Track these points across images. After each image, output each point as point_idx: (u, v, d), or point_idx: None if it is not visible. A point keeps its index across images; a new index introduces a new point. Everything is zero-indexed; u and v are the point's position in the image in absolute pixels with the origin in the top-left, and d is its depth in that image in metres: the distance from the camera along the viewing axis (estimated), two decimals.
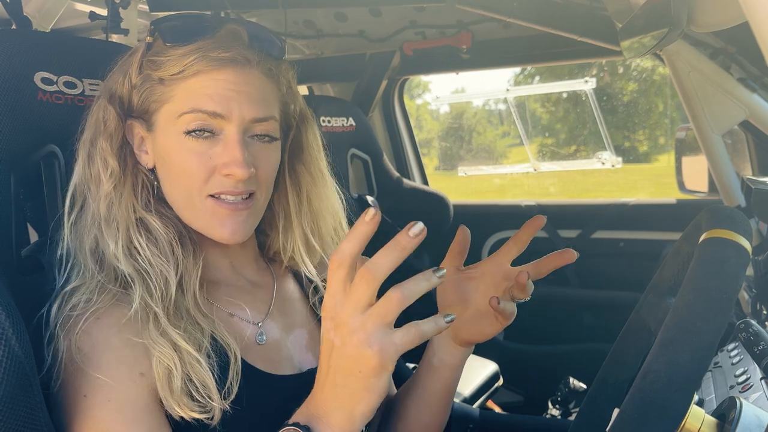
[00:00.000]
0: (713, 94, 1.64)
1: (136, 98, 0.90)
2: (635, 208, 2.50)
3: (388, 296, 0.66)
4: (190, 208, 0.90)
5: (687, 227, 0.84)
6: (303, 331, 1.03)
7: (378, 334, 0.65)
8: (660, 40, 1.00)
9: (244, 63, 0.88)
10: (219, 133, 0.87)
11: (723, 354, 1.15)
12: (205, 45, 0.87)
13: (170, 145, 0.88)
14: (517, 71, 7.20)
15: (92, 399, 0.79)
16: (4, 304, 0.75)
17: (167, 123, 0.88)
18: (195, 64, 0.86)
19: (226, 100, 0.86)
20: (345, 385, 0.69)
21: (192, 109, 0.86)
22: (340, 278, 0.68)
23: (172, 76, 0.87)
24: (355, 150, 2.38)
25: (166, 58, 0.87)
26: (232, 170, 0.86)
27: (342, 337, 0.67)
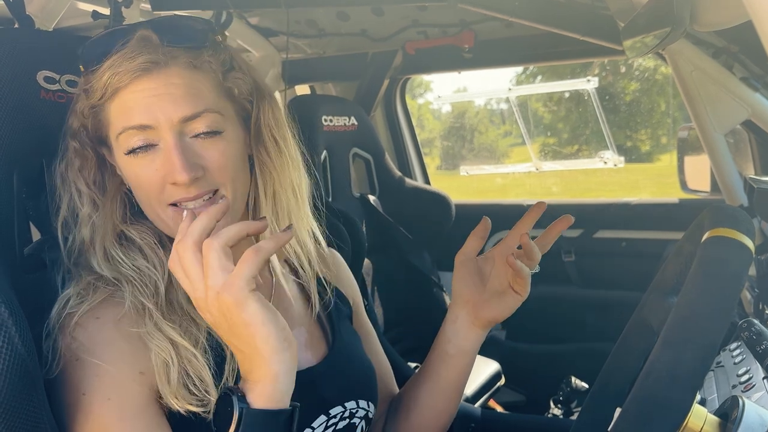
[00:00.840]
0: (716, 94, 1.63)
1: (91, 127, 0.91)
2: (637, 208, 2.50)
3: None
4: (157, 220, 0.91)
5: (689, 227, 0.84)
6: (302, 330, 1.03)
7: (217, 280, 0.73)
8: (662, 39, 1.00)
9: (158, 63, 0.85)
10: (157, 143, 0.86)
11: (725, 353, 1.15)
12: (115, 61, 0.84)
13: (122, 166, 0.90)
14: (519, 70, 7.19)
15: (91, 396, 0.79)
16: (7, 302, 0.76)
17: (115, 146, 0.89)
18: (111, 82, 0.84)
19: (148, 109, 0.84)
20: (235, 336, 0.75)
21: (123, 128, 0.86)
22: (182, 274, 0.77)
23: (100, 99, 0.87)
24: (357, 149, 2.38)
25: (90, 85, 0.87)
26: (174, 178, 0.84)
27: (207, 310, 0.76)
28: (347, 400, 0.99)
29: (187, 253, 0.75)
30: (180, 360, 0.82)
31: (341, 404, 0.98)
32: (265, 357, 0.74)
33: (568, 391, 2.13)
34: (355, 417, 1.00)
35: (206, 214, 0.77)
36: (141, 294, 0.85)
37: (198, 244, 0.75)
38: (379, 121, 2.82)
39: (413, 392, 1.10)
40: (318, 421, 0.95)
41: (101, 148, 0.93)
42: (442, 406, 1.09)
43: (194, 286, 0.76)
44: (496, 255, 1.04)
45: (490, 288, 1.04)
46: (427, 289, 2.45)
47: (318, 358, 1.01)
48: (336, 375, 1.00)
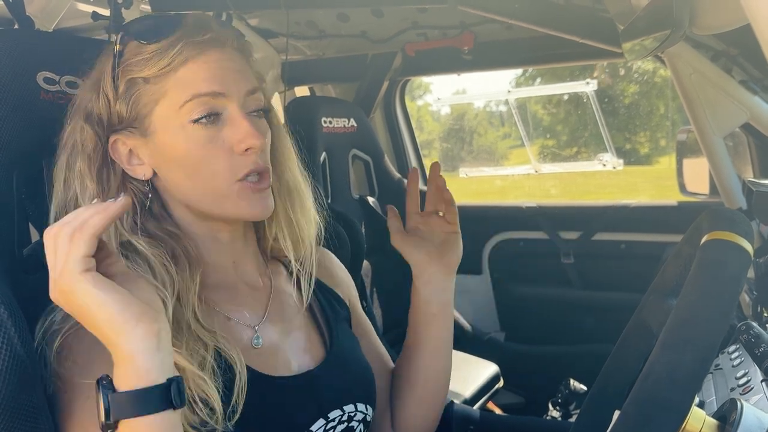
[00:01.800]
0: (715, 97, 1.64)
1: (121, 108, 0.88)
2: (636, 210, 2.50)
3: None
4: (215, 198, 0.89)
5: (688, 229, 0.84)
6: (300, 334, 1.03)
7: (57, 269, 0.70)
8: (662, 42, 1.00)
9: (223, 42, 0.89)
10: (222, 113, 0.87)
11: (724, 356, 1.15)
12: (184, 34, 0.87)
13: (177, 141, 0.87)
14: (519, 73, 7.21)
15: (71, 394, 0.79)
16: (6, 303, 0.76)
17: (167, 120, 0.87)
18: (181, 52, 0.86)
19: (221, 79, 0.87)
20: (84, 322, 0.72)
21: (192, 95, 0.85)
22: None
23: (160, 71, 0.86)
24: (356, 151, 2.38)
25: (149, 56, 0.86)
26: (248, 143, 0.86)
27: (55, 297, 0.72)
28: (346, 404, 0.99)
29: (62, 237, 0.71)
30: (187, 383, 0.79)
31: (340, 408, 0.98)
32: (113, 339, 0.71)
33: (567, 393, 2.13)
34: (353, 420, 1.00)
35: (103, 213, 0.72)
36: None
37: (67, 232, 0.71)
38: (379, 122, 2.82)
39: (411, 364, 1.14)
40: (317, 424, 0.94)
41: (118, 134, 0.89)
42: (441, 364, 1.14)
43: (50, 267, 0.72)
44: (414, 223, 1.15)
45: (437, 243, 1.13)
46: None
47: (316, 362, 1.00)
48: (334, 379, 1.00)
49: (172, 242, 0.90)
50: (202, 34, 0.87)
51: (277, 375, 0.93)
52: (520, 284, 2.69)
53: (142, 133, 0.89)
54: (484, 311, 2.75)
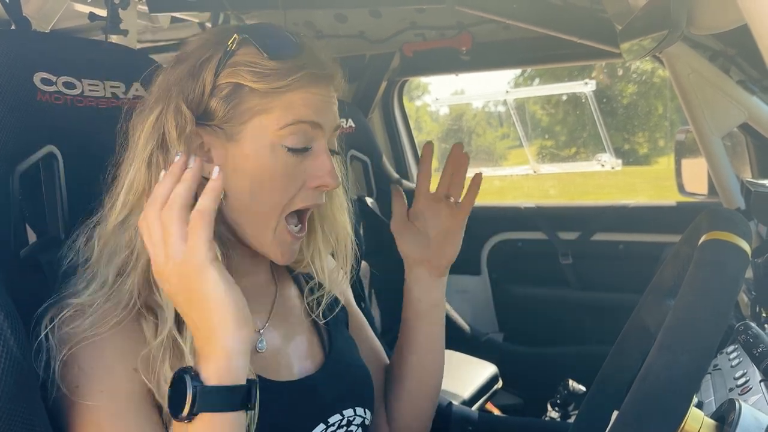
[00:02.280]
0: (713, 97, 1.64)
1: (217, 106, 0.85)
2: (635, 211, 2.50)
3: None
4: (260, 225, 0.88)
5: (687, 230, 0.84)
6: (302, 338, 1.02)
7: (176, 249, 0.74)
8: (660, 42, 1.00)
9: (332, 78, 0.91)
10: (312, 145, 0.89)
11: (722, 356, 1.15)
12: (308, 62, 0.87)
13: (261, 157, 0.85)
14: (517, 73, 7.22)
15: (83, 389, 0.78)
16: (2, 305, 0.75)
17: (261, 134, 0.85)
18: (300, 79, 0.86)
19: (323, 112, 0.89)
20: (193, 310, 0.75)
21: (295, 120, 0.86)
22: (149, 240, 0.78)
23: (273, 89, 0.85)
24: (354, 151, 2.38)
25: (267, 72, 0.85)
26: (326, 181, 0.88)
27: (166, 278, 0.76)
28: (345, 408, 0.99)
29: (154, 220, 0.76)
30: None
31: (339, 412, 0.98)
32: (220, 333, 0.74)
33: (566, 393, 2.13)
34: (352, 425, 0.99)
35: (183, 183, 0.78)
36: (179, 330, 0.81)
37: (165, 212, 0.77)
38: (377, 123, 2.82)
39: (403, 360, 1.14)
40: (317, 429, 0.94)
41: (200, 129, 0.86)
42: (432, 361, 1.14)
43: (156, 252, 0.76)
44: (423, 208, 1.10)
45: (434, 237, 1.10)
46: None
47: (316, 366, 1.00)
48: (334, 383, 0.99)
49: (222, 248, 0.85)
50: (323, 68, 0.89)
51: (279, 380, 0.93)
52: (519, 285, 2.69)
53: (228, 136, 0.86)
54: (483, 312, 2.75)
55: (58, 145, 0.97)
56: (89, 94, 1.01)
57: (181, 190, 0.77)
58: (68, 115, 0.98)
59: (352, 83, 2.67)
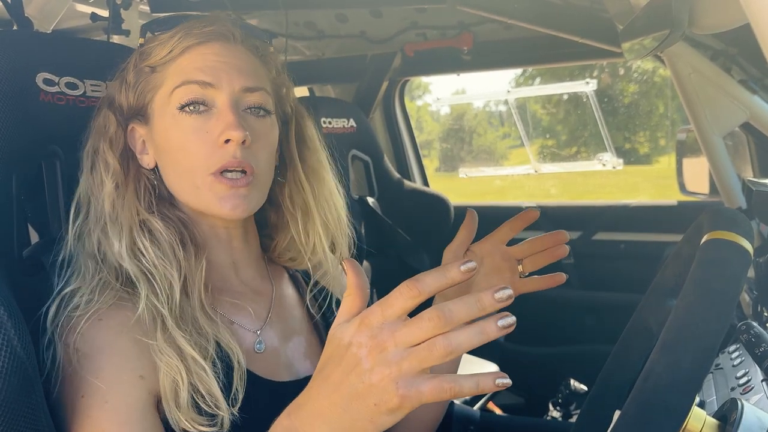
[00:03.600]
0: (714, 96, 1.64)
1: (132, 97, 0.92)
2: (636, 210, 2.50)
3: (434, 342, 0.58)
4: (192, 189, 0.90)
5: (688, 229, 0.84)
6: (301, 339, 1.02)
7: (410, 377, 0.59)
8: (661, 41, 1.00)
9: (229, 37, 0.91)
10: (212, 106, 0.89)
11: (724, 356, 1.15)
12: (189, 24, 0.90)
13: (167, 128, 0.89)
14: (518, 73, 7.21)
15: (89, 399, 0.78)
16: (6, 305, 0.75)
17: (162, 107, 0.90)
18: (181, 41, 0.89)
19: (215, 71, 0.88)
20: (350, 408, 0.62)
21: (182, 81, 0.88)
22: (403, 305, 0.60)
23: (161, 59, 0.89)
24: (355, 151, 2.38)
25: (154, 45, 0.90)
26: (228, 134, 0.86)
27: (373, 362, 0.60)
28: None
29: (431, 323, 0.59)
30: (189, 375, 0.80)
31: None
32: None
33: (567, 393, 2.13)
34: None
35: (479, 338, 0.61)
36: (157, 298, 0.83)
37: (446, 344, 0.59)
38: (378, 123, 2.82)
39: None
40: None
41: (133, 122, 0.93)
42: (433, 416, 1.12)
43: (396, 339, 0.59)
44: (486, 256, 1.02)
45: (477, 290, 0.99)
46: None
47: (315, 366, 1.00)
48: None
49: (181, 227, 0.92)
50: (204, 26, 0.90)
51: (278, 380, 0.93)
52: None
53: (146, 120, 0.92)
54: None
55: (60, 145, 0.98)
56: (91, 95, 1.01)
57: (473, 343, 0.60)
58: (70, 115, 0.98)
59: (353, 83, 2.67)
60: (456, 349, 0.59)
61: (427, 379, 0.59)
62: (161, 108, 0.90)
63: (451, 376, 0.59)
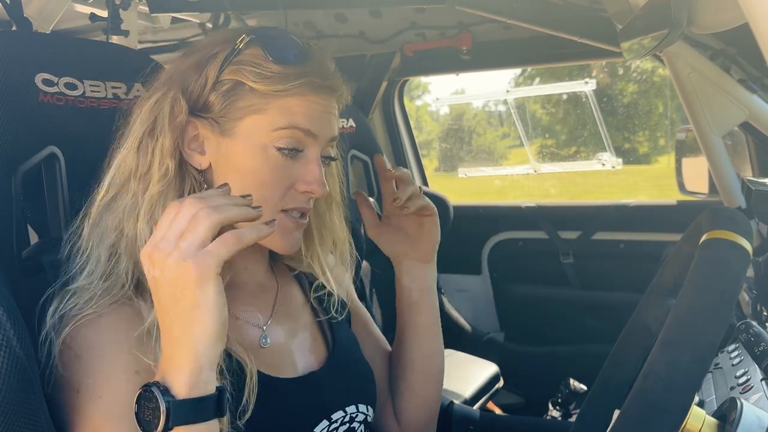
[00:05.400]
0: (713, 96, 1.64)
1: (215, 100, 0.88)
2: (636, 210, 2.50)
3: (196, 217, 0.72)
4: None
5: (687, 228, 0.84)
6: (306, 334, 1.03)
7: (191, 248, 0.71)
8: (660, 41, 1.00)
9: (334, 90, 0.92)
10: (303, 151, 0.90)
11: (723, 355, 1.15)
12: (311, 71, 0.89)
13: (252, 155, 0.88)
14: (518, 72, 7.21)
15: (84, 394, 0.79)
16: (5, 306, 0.75)
17: (254, 134, 0.88)
18: (301, 86, 0.88)
19: (321, 123, 0.90)
20: (175, 312, 0.72)
21: (290, 125, 0.88)
22: (167, 223, 0.73)
23: (273, 91, 0.87)
24: (355, 151, 2.38)
25: (270, 74, 0.87)
26: (313, 189, 0.90)
27: (159, 265, 0.72)
28: (348, 405, 0.99)
29: (188, 211, 0.72)
30: None
31: (342, 409, 0.98)
32: (199, 344, 0.71)
33: (567, 393, 2.13)
34: (355, 421, 1.00)
35: (240, 210, 0.75)
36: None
37: (205, 212, 0.72)
38: (378, 123, 2.82)
39: (401, 350, 1.15)
40: (320, 426, 0.94)
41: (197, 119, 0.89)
42: (430, 348, 1.15)
43: (165, 237, 0.72)
44: (391, 213, 1.11)
45: (412, 231, 1.11)
46: None
47: (319, 363, 1.00)
48: (337, 380, 1.00)
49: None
50: (325, 79, 0.90)
51: (283, 376, 0.94)
52: (520, 284, 2.69)
53: (222, 131, 0.89)
54: (484, 311, 2.75)
55: (59, 145, 0.97)
56: (91, 95, 1.01)
57: (236, 213, 0.75)
58: (70, 115, 0.98)
59: (353, 83, 2.66)
60: (216, 219, 0.72)
61: (212, 243, 0.71)
62: (252, 133, 0.88)
63: (232, 232, 0.72)
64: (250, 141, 0.88)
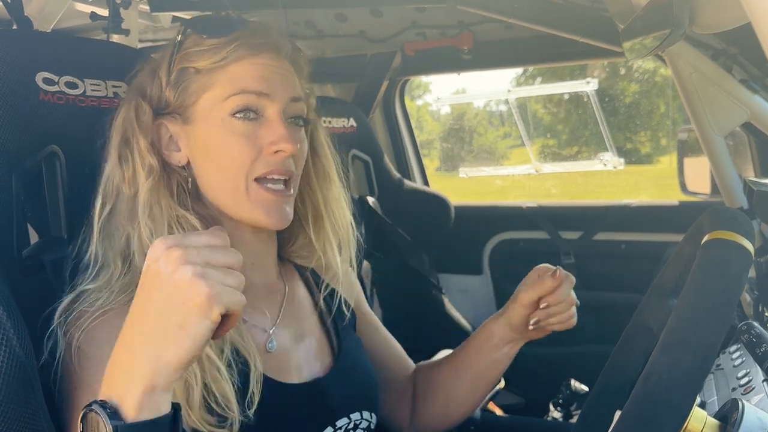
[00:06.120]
0: (715, 96, 1.63)
1: (170, 94, 0.92)
2: (637, 210, 2.50)
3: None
4: (235, 196, 0.91)
5: (689, 229, 0.83)
6: (312, 339, 1.03)
7: (216, 272, 0.64)
8: (662, 41, 1.00)
9: (278, 50, 0.94)
10: (262, 114, 0.91)
11: (725, 356, 1.15)
12: (242, 34, 0.91)
13: (214, 132, 0.90)
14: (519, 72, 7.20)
15: (81, 390, 0.79)
16: (5, 305, 0.75)
17: (210, 110, 0.90)
18: (237, 50, 0.90)
19: (270, 81, 0.91)
20: (161, 317, 0.63)
21: (240, 90, 0.89)
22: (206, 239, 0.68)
23: (213, 64, 0.90)
24: (356, 151, 2.38)
25: (206, 49, 0.91)
26: (280, 146, 0.89)
27: (174, 264, 0.63)
28: (352, 411, 0.99)
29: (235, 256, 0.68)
30: (203, 375, 0.80)
31: (347, 416, 0.98)
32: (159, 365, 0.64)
33: (568, 393, 2.13)
34: (358, 428, 0.99)
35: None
36: None
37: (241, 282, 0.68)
38: (378, 122, 2.82)
39: (453, 383, 1.17)
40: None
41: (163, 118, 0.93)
42: (481, 396, 1.19)
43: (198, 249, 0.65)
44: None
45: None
46: (426, 291, 2.45)
47: (325, 369, 1.00)
48: (342, 386, 0.99)
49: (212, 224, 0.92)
50: (260, 37, 0.92)
51: (289, 382, 0.94)
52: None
53: (185, 120, 0.92)
54: (485, 311, 2.74)
55: (60, 144, 0.98)
56: (91, 94, 1.01)
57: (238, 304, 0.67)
58: (70, 114, 0.98)
59: (353, 82, 2.67)
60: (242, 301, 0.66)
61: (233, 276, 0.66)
62: (208, 111, 0.90)
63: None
64: (209, 119, 0.90)
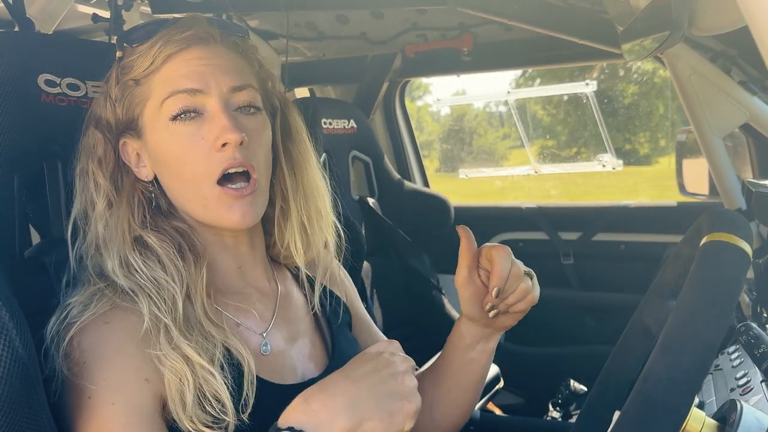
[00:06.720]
0: (714, 97, 1.64)
1: (120, 112, 0.91)
2: (636, 211, 2.50)
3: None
4: (198, 199, 0.89)
5: (688, 230, 0.84)
6: (306, 341, 1.02)
7: (414, 385, 0.81)
8: (661, 43, 1.00)
9: (209, 39, 0.90)
10: (203, 111, 0.88)
11: (723, 357, 1.16)
12: (167, 32, 0.89)
13: (162, 141, 0.88)
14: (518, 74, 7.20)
15: (96, 400, 0.79)
16: (7, 305, 0.75)
17: (153, 119, 0.89)
18: (162, 50, 0.88)
19: (201, 75, 0.88)
20: (376, 392, 0.77)
21: (170, 92, 0.87)
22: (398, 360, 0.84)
23: (144, 71, 0.88)
24: (356, 152, 2.39)
25: (135, 57, 0.89)
26: (224, 137, 0.86)
27: (406, 369, 0.81)
28: None
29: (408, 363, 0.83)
30: (196, 379, 0.80)
31: None
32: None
33: (567, 394, 2.13)
34: None
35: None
36: (159, 309, 0.82)
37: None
38: (379, 123, 2.82)
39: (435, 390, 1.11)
40: None
41: (124, 137, 0.92)
42: (468, 400, 1.12)
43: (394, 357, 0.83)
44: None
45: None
46: (426, 291, 2.45)
47: (319, 369, 1.00)
48: None
49: (178, 237, 0.91)
50: (182, 31, 0.88)
51: (283, 383, 0.93)
52: None
53: (139, 134, 0.91)
54: None
55: (61, 146, 0.98)
56: (93, 96, 1.01)
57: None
58: (72, 116, 0.98)
59: (354, 84, 2.67)
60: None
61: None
62: (153, 120, 0.89)
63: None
64: (155, 129, 0.89)
